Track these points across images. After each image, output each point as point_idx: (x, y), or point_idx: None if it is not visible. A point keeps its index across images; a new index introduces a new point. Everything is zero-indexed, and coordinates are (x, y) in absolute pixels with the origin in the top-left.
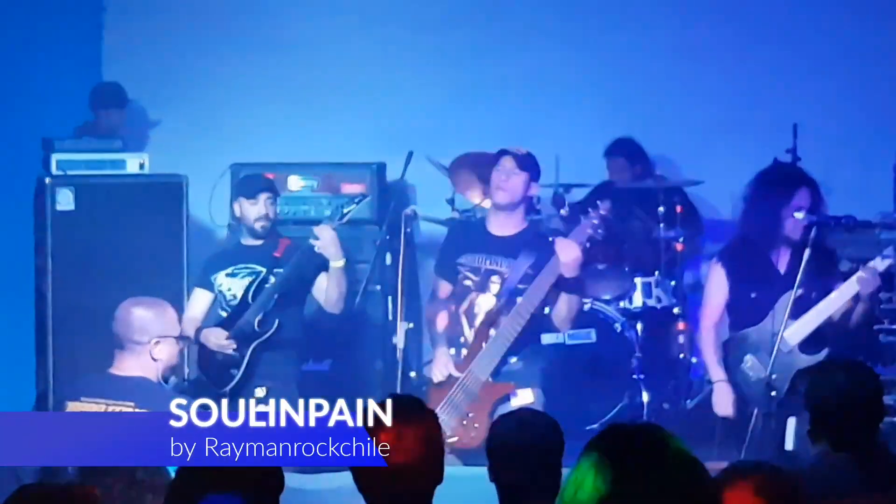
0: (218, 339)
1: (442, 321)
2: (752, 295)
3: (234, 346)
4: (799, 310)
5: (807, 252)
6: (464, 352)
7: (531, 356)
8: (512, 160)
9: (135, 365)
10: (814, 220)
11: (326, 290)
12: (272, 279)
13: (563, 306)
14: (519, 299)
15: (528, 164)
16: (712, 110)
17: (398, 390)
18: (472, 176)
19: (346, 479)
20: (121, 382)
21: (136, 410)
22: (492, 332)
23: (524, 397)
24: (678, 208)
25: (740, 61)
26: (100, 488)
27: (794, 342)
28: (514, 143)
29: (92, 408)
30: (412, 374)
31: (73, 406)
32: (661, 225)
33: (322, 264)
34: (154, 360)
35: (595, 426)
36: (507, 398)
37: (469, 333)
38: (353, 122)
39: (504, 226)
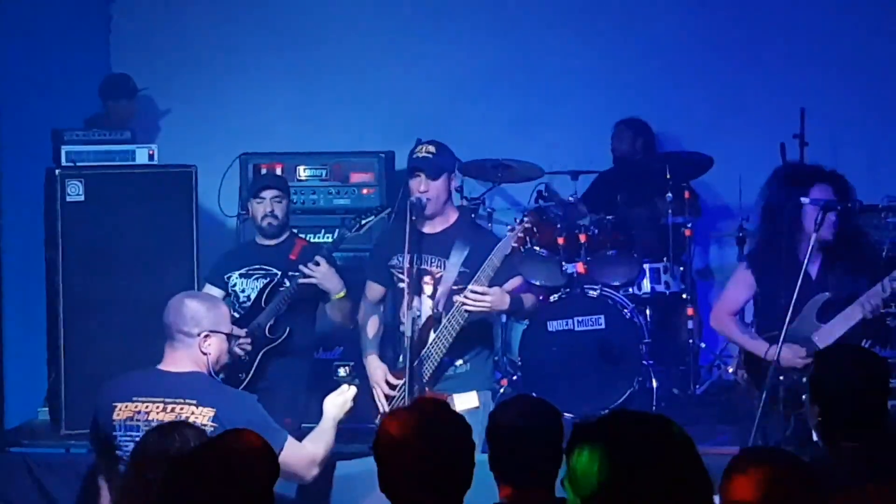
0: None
1: (372, 326)
2: (782, 301)
3: (250, 346)
4: (827, 312)
5: (812, 237)
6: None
7: (480, 358)
8: (421, 174)
9: (186, 359)
10: (821, 204)
11: (331, 315)
12: (286, 283)
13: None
14: (457, 298)
15: (442, 165)
16: (720, 96)
17: (407, 379)
18: None
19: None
20: (175, 379)
21: (200, 408)
22: (431, 335)
23: (466, 402)
24: (686, 194)
25: (748, 47)
26: (143, 479)
27: (822, 345)
28: (521, 131)
29: (149, 408)
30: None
31: (123, 407)
32: (670, 211)
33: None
34: (203, 353)
35: (604, 412)
36: None
37: (406, 340)
38: (361, 112)
39: (433, 223)
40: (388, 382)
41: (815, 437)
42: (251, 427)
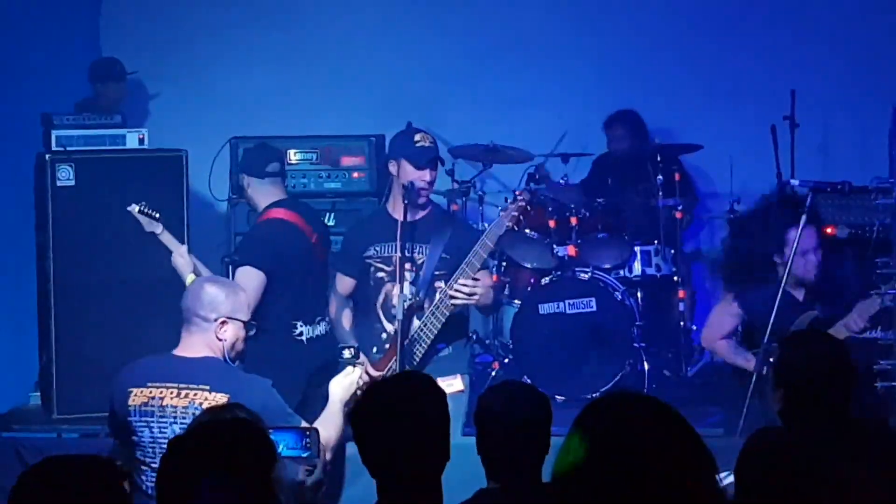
0: None
1: (346, 318)
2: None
3: None
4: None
5: (803, 219)
6: (387, 347)
7: (459, 343)
8: (435, 166)
9: (201, 344)
10: (810, 185)
11: None
12: None
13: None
14: (439, 285)
15: (439, 156)
16: (711, 77)
17: (398, 361)
18: None
19: None
20: (190, 364)
21: (213, 393)
22: (416, 322)
23: (452, 385)
24: (676, 176)
25: (738, 28)
26: None
27: None
28: (512, 114)
29: (163, 393)
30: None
31: (138, 393)
32: (660, 193)
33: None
34: (219, 339)
35: (596, 395)
36: None
37: (389, 328)
38: (351, 95)
39: (412, 211)
40: (367, 374)
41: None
42: (266, 412)
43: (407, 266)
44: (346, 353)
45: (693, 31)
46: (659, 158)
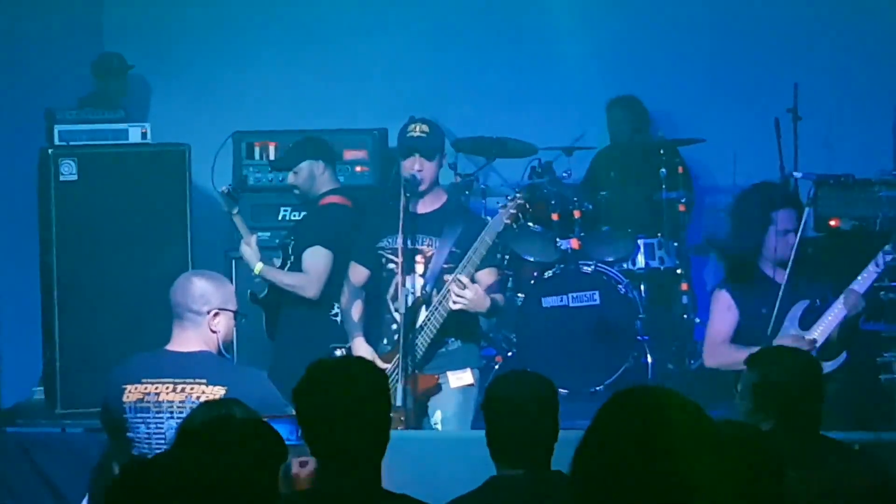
0: None
1: (357, 309)
2: (763, 311)
3: None
4: (809, 318)
5: (805, 211)
6: (396, 339)
7: (471, 336)
8: (417, 153)
9: (195, 338)
10: (813, 178)
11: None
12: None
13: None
14: (448, 278)
15: (436, 145)
16: (714, 70)
17: (401, 356)
18: None
19: None
20: (184, 359)
21: (210, 387)
22: (423, 313)
23: (462, 379)
24: (679, 169)
25: (741, 20)
26: None
27: (821, 340)
28: (515, 107)
29: (158, 389)
30: None
31: (133, 389)
32: (663, 186)
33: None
34: (213, 331)
35: (600, 388)
36: (438, 387)
37: (399, 319)
38: (354, 89)
39: (425, 203)
40: None
41: None
42: (263, 403)
43: (418, 259)
44: (338, 353)
45: (696, 24)
46: (662, 151)
